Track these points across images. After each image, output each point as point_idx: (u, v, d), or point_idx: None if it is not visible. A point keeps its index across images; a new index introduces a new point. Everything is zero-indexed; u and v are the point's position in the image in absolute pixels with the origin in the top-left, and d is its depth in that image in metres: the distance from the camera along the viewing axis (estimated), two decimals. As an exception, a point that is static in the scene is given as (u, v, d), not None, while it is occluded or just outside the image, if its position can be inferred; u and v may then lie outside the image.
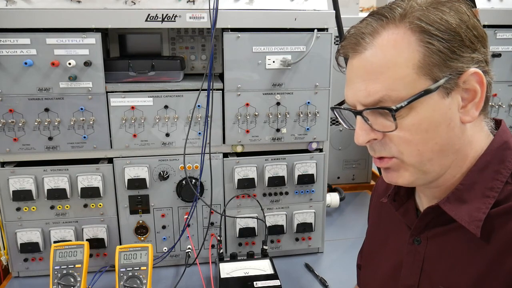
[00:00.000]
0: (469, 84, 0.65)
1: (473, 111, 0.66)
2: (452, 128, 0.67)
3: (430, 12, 0.65)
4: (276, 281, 1.18)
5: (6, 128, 1.19)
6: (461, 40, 0.64)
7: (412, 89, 0.65)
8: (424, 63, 0.64)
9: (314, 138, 1.33)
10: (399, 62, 0.65)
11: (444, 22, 0.64)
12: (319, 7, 1.24)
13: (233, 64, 1.23)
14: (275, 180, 1.32)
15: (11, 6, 1.12)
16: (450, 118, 0.66)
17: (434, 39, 0.64)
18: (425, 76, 0.64)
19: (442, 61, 0.64)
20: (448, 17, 0.64)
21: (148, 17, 1.17)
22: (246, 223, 1.35)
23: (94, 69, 1.18)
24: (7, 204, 1.24)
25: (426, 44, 0.64)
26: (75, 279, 1.14)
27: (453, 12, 0.65)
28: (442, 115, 0.66)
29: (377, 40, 0.67)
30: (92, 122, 1.22)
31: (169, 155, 1.28)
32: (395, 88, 0.65)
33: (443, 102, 0.65)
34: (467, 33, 0.64)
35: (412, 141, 0.68)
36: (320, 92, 1.29)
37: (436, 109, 0.65)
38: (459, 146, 0.69)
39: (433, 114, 0.66)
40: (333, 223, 1.63)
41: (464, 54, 0.64)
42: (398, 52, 0.66)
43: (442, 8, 0.65)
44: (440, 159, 0.69)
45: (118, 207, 1.30)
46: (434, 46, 0.64)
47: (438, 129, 0.67)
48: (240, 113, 1.27)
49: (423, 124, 0.66)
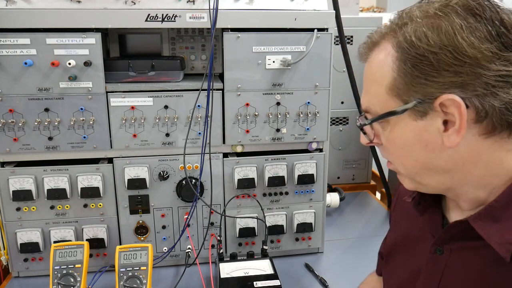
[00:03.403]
0: (449, 109, 0.61)
1: (454, 136, 0.61)
2: (432, 150, 0.64)
3: (418, 28, 0.61)
4: (276, 281, 1.18)
5: (6, 128, 1.19)
6: (431, 63, 0.60)
7: (383, 107, 0.66)
8: (393, 84, 0.64)
9: (314, 138, 1.33)
10: (377, 79, 0.67)
11: (423, 41, 0.60)
12: (319, 7, 1.24)
13: (233, 64, 1.23)
14: (275, 180, 1.32)
15: (11, 6, 1.12)
16: (426, 140, 0.64)
17: (408, 59, 0.62)
18: (394, 97, 0.64)
19: (410, 84, 0.62)
20: (429, 36, 0.60)
21: (148, 17, 1.17)
22: (246, 223, 1.35)
23: (94, 69, 1.18)
24: (7, 204, 1.24)
25: (400, 64, 0.63)
26: (75, 279, 1.14)
27: (436, 29, 0.60)
28: (416, 136, 0.65)
29: (372, 54, 0.68)
30: (92, 122, 1.22)
31: (169, 155, 1.28)
32: (372, 102, 0.69)
33: (415, 124, 0.64)
34: (445, 55, 0.59)
35: (394, 154, 0.70)
36: (320, 92, 1.29)
37: (407, 130, 0.65)
38: (452, 167, 0.65)
39: (405, 134, 0.66)
40: (333, 223, 1.63)
41: (438, 79, 0.60)
42: (378, 69, 0.66)
43: (431, 23, 0.61)
44: (431, 175, 0.68)
45: (118, 207, 1.30)
46: (405, 68, 0.62)
47: (413, 149, 0.66)
48: (240, 113, 1.27)
49: (397, 141, 0.68)
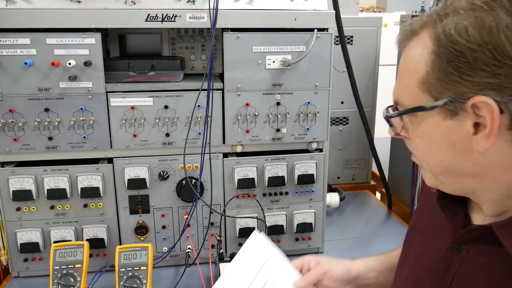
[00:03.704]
0: (481, 112, 0.57)
1: (483, 141, 0.58)
2: (459, 152, 0.61)
3: (459, 21, 0.57)
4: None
5: (6, 128, 1.19)
6: (467, 61, 0.56)
7: (413, 101, 0.64)
8: (425, 79, 0.61)
9: (314, 138, 1.33)
10: (410, 71, 0.64)
11: (463, 36, 0.56)
12: (319, 7, 1.24)
13: (233, 64, 1.23)
14: (275, 180, 1.32)
15: (11, 6, 1.12)
16: (454, 141, 0.61)
17: (444, 54, 0.58)
18: (425, 92, 0.62)
19: (442, 80, 0.59)
20: (470, 31, 0.56)
21: (148, 17, 1.17)
22: (246, 223, 1.35)
23: (94, 69, 1.18)
24: (7, 204, 1.24)
25: (435, 57, 0.59)
26: (75, 279, 1.14)
27: (479, 25, 0.55)
28: (443, 135, 0.62)
29: (410, 43, 0.65)
30: (92, 122, 1.22)
31: (169, 155, 1.28)
32: (403, 95, 0.66)
33: (445, 123, 0.61)
34: (484, 54, 0.55)
35: (419, 150, 0.68)
36: (320, 92, 1.29)
37: (435, 128, 0.62)
38: (479, 172, 0.62)
39: (432, 132, 0.63)
40: (333, 223, 1.63)
41: (473, 78, 0.56)
42: (412, 60, 0.63)
43: (474, 17, 0.56)
44: (455, 177, 0.65)
45: (118, 207, 1.30)
46: (440, 62, 0.59)
47: (440, 148, 0.63)
48: (240, 113, 1.27)
49: (423, 138, 0.65)
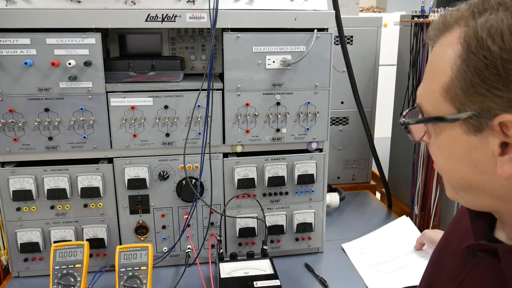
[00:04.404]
0: (510, 131, 0.50)
1: (509, 166, 0.51)
2: (482, 172, 0.55)
3: (495, 23, 0.48)
4: (276, 281, 1.18)
5: (6, 128, 1.19)
6: (498, 73, 0.48)
7: (434, 109, 0.57)
8: (449, 86, 0.54)
9: (314, 138, 1.33)
10: (435, 74, 0.56)
11: (496, 41, 0.48)
12: (319, 7, 1.24)
13: (233, 64, 1.23)
14: (275, 180, 1.32)
15: (11, 6, 1.12)
16: (476, 159, 0.55)
17: (471, 61, 0.50)
18: (448, 101, 0.54)
19: (467, 91, 0.51)
20: (506, 36, 0.47)
21: (148, 17, 1.17)
22: (246, 223, 1.35)
23: (94, 69, 1.18)
24: (7, 204, 1.24)
25: (461, 64, 0.52)
26: (75, 279, 1.14)
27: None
28: (465, 152, 0.55)
29: (441, 38, 0.57)
30: (92, 122, 1.22)
31: (169, 155, 1.28)
32: (425, 99, 0.59)
33: (467, 138, 0.54)
34: None
35: (438, 162, 0.62)
36: (320, 92, 1.29)
37: (456, 142, 0.56)
38: (503, 195, 0.56)
39: (453, 147, 0.57)
40: (333, 223, 1.63)
41: (503, 93, 0.49)
42: (439, 61, 0.55)
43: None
44: (476, 195, 0.59)
45: (118, 207, 1.30)
46: (466, 70, 0.51)
47: (460, 164, 0.57)
48: (240, 113, 1.27)
49: (444, 151, 0.59)
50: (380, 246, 1.42)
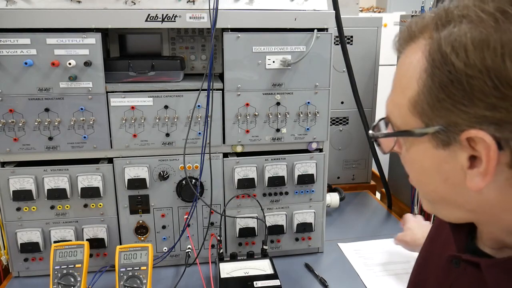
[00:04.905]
0: (477, 146, 0.49)
1: (478, 179, 0.50)
2: (453, 185, 0.54)
3: (459, 36, 0.47)
4: (276, 281, 1.18)
5: (6, 128, 1.19)
6: (463, 88, 0.47)
7: (402, 122, 0.56)
8: (416, 101, 0.53)
9: (314, 138, 1.33)
10: (402, 87, 0.55)
11: (461, 56, 0.46)
12: (319, 7, 1.24)
13: (233, 64, 1.23)
14: (275, 180, 1.32)
15: (11, 6, 1.12)
16: (446, 172, 0.54)
17: (436, 76, 0.49)
18: (416, 115, 0.53)
19: (433, 106, 0.51)
20: (470, 51, 0.46)
21: (148, 17, 1.17)
22: (246, 223, 1.35)
23: (94, 69, 1.18)
24: (7, 204, 1.24)
25: (427, 78, 0.51)
26: (75, 279, 1.14)
27: (482, 43, 0.45)
28: (435, 165, 0.55)
29: (407, 49, 0.56)
30: (92, 122, 1.22)
31: (169, 155, 1.28)
32: (394, 113, 0.58)
33: (436, 152, 0.53)
34: (484, 82, 0.46)
35: (411, 175, 0.62)
36: (320, 92, 1.29)
37: (426, 156, 0.55)
38: (476, 208, 0.56)
39: (423, 160, 0.56)
40: (333, 223, 1.63)
41: (468, 109, 0.48)
42: (406, 74, 0.54)
43: (479, 32, 0.46)
44: (450, 209, 0.59)
45: (118, 207, 1.30)
46: (432, 86, 0.50)
47: (432, 178, 0.57)
48: (240, 113, 1.27)
49: (415, 165, 0.59)
50: (377, 250, 1.43)
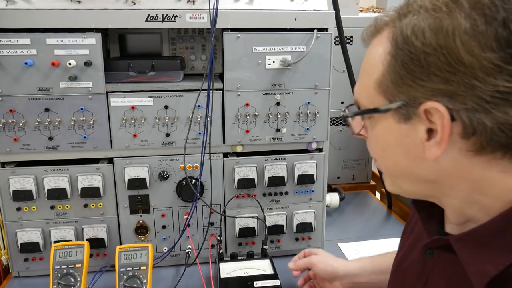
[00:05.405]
0: (433, 118, 0.55)
1: (434, 148, 0.56)
2: (413, 157, 0.60)
3: (418, 22, 0.55)
4: (276, 281, 1.18)
5: (6, 128, 1.19)
6: (421, 65, 0.54)
7: (369, 102, 0.62)
8: (381, 80, 0.59)
9: (314, 138, 1.33)
10: (369, 71, 0.62)
11: (419, 38, 0.54)
12: (319, 7, 1.24)
13: (233, 64, 1.23)
14: (275, 180, 1.32)
15: (11, 6, 1.12)
16: (407, 146, 0.60)
17: (399, 56, 0.56)
18: (381, 94, 0.60)
19: (396, 83, 0.57)
20: (427, 33, 0.54)
21: (148, 17, 1.17)
22: (246, 223, 1.35)
23: (94, 69, 1.18)
24: (7, 204, 1.24)
25: (391, 59, 0.58)
26: (75, 279, 1.14)
27: (436, 27, 0.53)
28: (397, 140, 0.61)
29: (373, 41, 0.63)
30: (92, 122, 1.22)
31: (169, 155, 1.28)
32: (361, 95, 0.65)
33: (398, 127, 0.59)
34: (437, 58, 0.53)
35: (376, 152, 0.67)
36: (320, 92, 1.29)
37: (389, 131, 0.61)
38: (435, 179, 0.61)
39: (387, 135, 0.62)
40: (333, 223, 1.63)
41: (425, 83, 0.54)
42: (372, 60, 0.61)
43: (433, 18, 0.54)
44: (411, 182, 0.64)
45: (118, 207, 1.30)
46: (395, 65, 0.57)
47: (394, 152, 0.62)
48: (240, 113, 1.27)
49: (379, 141, 0.64)
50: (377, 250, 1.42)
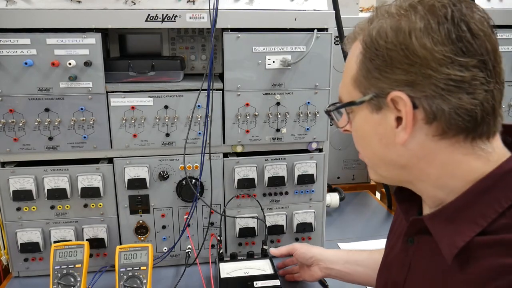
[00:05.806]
0: (399, 106, 0.63)
1: (402, 134, 0.64)
2: (386, 144, 0.67)
3: (382, 25, 0.64)
4: (276, 281, 1.18)
5: (6, 128, 1.19)
6: (385, 60, 0.63)
7: (348, 97, 0.71)
8: (356, 76, 0.68)
9: (314, 138, 1.33)
10: (347, 70, 0.71)
11: (383, 38, 0.63)
12: (319, 7, 1.24)
13: (233, 64, 1.23)
14: (275, 180, 1.32)
15: (11, 6, 1.12)
16: (381, 133, 0.67)
17: (367, 54, 0.65)
18: (356, 88, 0.68)
19: (367, 77, 0.66)
20: (388, 34, 0.63)
21: (148, 17, 1.17)
22: (246, 223, 1.35)
23: (94, 69, 1.18)
24: (7, 204, 1.24)
25: (362, 57, 0.66)
26: (75, 279, 1.14)
27: (396, 28, 0.62)
28: (372, 129, 0.68)
29: (352, 46, 0.71)
30: (92, 122, 1.22)
31: (169, 155, 1.28)
32: (343, 92, 0.73)
33: (372, 117, 0.67)
34: (397, 53, 0.62)
35: (358, 143, 0.75)
36: (320, 92, 1.29)
37: (365, 121, 0.69)
38: (406, 163, 0.67)
39: (364, 126, 0.70)
40: (333, 223, 1.63)
41: (390, 75, 0.63)
42: (349, 60, 0.70)
43: (394, 21, 0.63)
44: (388, 168, 0.71)
45: (118, 207, 1.30)
46: (365, 61, 0.66)
47: (371, 141, 0.70)
48: (240, 113, 1.27)
49: (359, 132, 0.72)
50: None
